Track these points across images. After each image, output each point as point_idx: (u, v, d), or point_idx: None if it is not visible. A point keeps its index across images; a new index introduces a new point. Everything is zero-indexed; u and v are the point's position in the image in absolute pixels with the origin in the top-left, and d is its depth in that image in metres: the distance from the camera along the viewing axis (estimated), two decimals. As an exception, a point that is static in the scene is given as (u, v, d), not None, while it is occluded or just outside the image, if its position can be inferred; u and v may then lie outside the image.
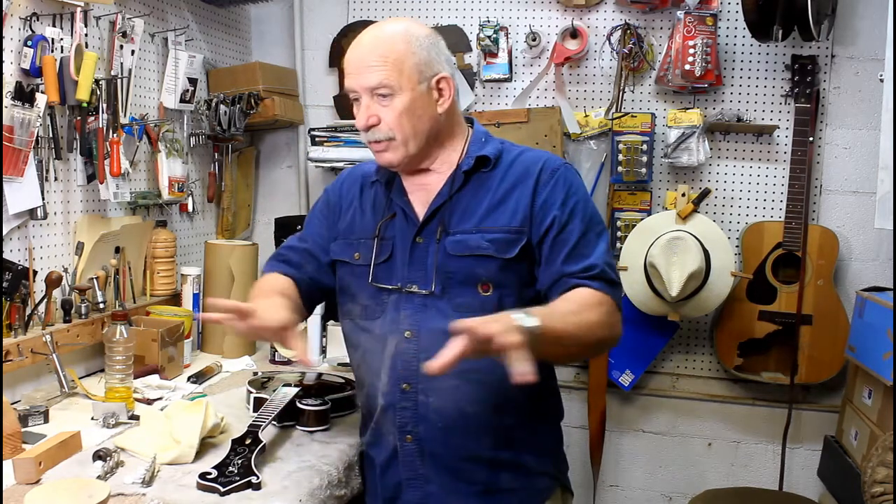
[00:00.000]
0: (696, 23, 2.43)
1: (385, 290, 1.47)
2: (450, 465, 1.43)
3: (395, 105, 1.40)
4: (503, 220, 1.43)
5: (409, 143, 1.42)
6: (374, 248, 1.49)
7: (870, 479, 1.94)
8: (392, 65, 1.38)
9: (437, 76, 1.43)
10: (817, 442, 2.57)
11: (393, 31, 1.43)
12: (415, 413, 1.42)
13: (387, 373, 1.43)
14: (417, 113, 1.41)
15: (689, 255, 2.35)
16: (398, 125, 1.41)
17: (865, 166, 2.54)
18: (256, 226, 2.99)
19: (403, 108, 1.40)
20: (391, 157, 1.44)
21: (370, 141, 1.44)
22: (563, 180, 1.44)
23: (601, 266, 1.38)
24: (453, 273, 1.41)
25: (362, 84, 1.41)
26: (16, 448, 1.44)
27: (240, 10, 2.82)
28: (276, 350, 2.24)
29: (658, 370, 2.74)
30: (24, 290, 1.77)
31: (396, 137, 1.41)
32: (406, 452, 1.44)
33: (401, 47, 1.40)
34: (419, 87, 1.41)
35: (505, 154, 1.49)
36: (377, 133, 1.42)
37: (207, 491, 1.32)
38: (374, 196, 1.55)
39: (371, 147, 1.46)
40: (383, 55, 1.39)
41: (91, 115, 1.96)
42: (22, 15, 1.79)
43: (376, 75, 1.39)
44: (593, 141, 2.67)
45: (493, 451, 1.43)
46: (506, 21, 2.70)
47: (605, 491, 2.81)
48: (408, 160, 1.45)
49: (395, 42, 1.40)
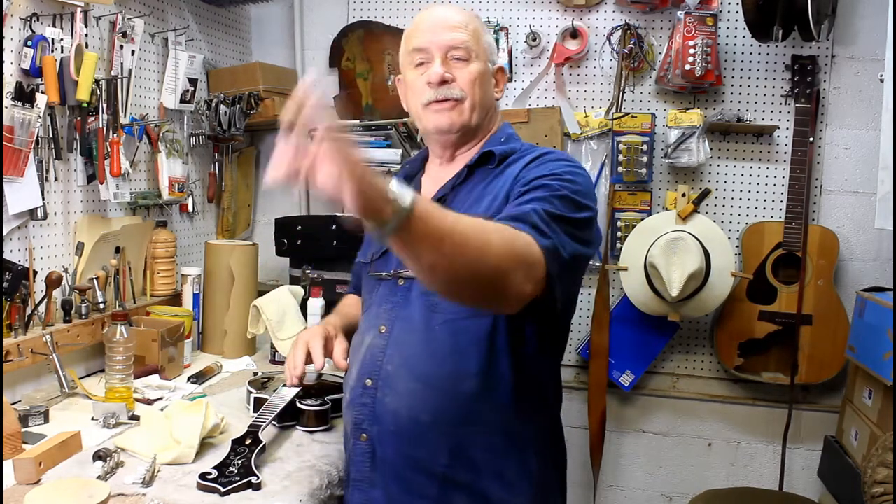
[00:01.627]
0: (697, 23, 2.43)
1: (377, 283, 1.47)
2: (399, 473, 1.35)
3: (471, 69, 1.40)
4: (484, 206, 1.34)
5: (475, 109, 1.42)
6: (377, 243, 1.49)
7: (870, 480, 1.93)
8: (472, 32, 1.42)
9: (497, 65, 1.49)
10: (817, 442, 2.57)
11: (466, 10, 1.48)
12: (371, 411, 1.37)
13: (357, 366, 1.42)
14: (485, 86, 1.43)
15: (689, 255, 2.35)
16: (471, 88, 1.40)
17: (865, 166, 2.54)
18: (257, 226, 2.99)
19: (478, 74, 1.41)
20: (454, 119, 1.41)
21: (438, 99, 1.40)
22: (548, 162, 1.35)
23: (527, 210, 1.18)
24: None
25: (443, 41, 1.40)
26: (16, 448, 1.44)
27: (240, 10, 2.83)
28: (276, 350, 2.24)
29: (658, 370, 2.74)
30: (24, 290, 1.77)
31: (466, 100, 1.41)
32: (357, 451, 1.40)
33: (479, 23, 1.46)
34: (488, 64, 1.44)
35: (517, 154, 1.44)
36: (451, 90, 1.40)
37: (207, 491, 1.32)
38: None
39: (433, 107, 1.41)
40: (465, 21, 1.42)
41: (91, 116, 1.96)
42: (22, 15, 1.79)
43: (460, 35, 1.40)
44: (593, 141, 2.67)
45: (448, 468, 1.32)
46: (506, 21, 2.70)
47: (605, 491, 2.81)
48: (465, 129, 1.43)
49: (472, 17, 1.46)
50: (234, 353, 2.30)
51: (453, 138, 1.45)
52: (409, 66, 1.45)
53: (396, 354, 1.36)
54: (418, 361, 1.33)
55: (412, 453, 1.34)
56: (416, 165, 1.57)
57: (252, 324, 2.25)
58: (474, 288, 1.10)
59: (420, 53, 1.42)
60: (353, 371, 1.43)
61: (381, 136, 2.57)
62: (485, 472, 1.33)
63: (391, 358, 1.36)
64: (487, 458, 1.34)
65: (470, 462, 1.33)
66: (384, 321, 1.40)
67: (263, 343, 2.36)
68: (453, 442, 1.33)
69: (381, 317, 1.42)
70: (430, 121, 1.43)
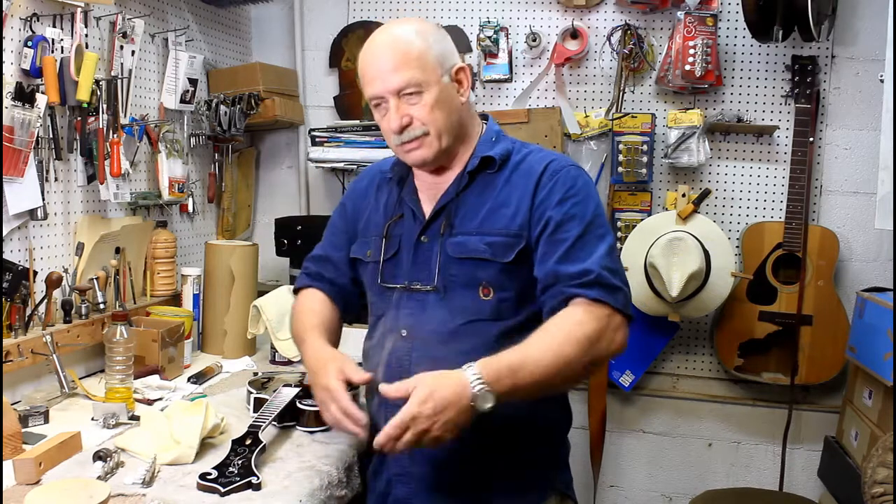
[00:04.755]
0: (697, 23, 2.43)
1: (385, 290, 1.49)
2: (438, 465, 1.42)
3: (425, 101, 1.39)
4: (503, 222, 1.41)
5: (442, 136, 1.42)
6: (381, 247, 1.50)
7: (870, 480, 1.93)
8: (415, 62, 1.38)
9: (455, 66, 1.44)
10: (817, 442, 2.57)
11: (405, 30, 1.42)
12: None
13: (383, 369, 1.44)
14: (446, 105, 1.41)
15: (689, 255, 2.35)
16: (431, 119, 1.40)
17: (865, 167, 2.54)
18: (257, 226, 2.99)
19: (434, 102, 1.39)
20: (425, 153, 1.42)
21: (404, 142, 1.42)
22: (564, 180, 1.40)
23: (597, 271, 1.32)
24: (455, 275, 1.41)
25: (388, 88, 1.39)
26: (16, 448, 1.44)
27: (240, 10, 2.83)
28: (275, 350, 2.24)
29: (658, 371, 2.74)
30: (24, 290, 1.77)
31: (430, 132, 1.41)
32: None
33: (418, 44, 1.39)
34: (442, 79, 1.41)
35: (514, 154, 1.47)
36: (412, 131, 1.41)
37: (207, 491, 1.32)
38: (387, 194, 1.56)
39: (402, 148, 1.44)
40: (404, 54, 1.38)
41: (91, 116, 1.96)
42: (22, 15, 1.79)
43: (402, 76, 1.38)
44: (593, 141, 2.67)
45: (484, 455, 1.42)
46: (506, 21, 2.70)
47: (605, 491, 2.81)
48: (439, 155, 1.44)
49: (410, 40, 1.39)
50: (234, 354, 2.30)
51: (433, 165, 1.48)
52: (371, 106, 1.46)
53: (424, 357, 1.40)
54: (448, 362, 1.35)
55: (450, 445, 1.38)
56: (404, 167, 1.56)
57: (252, 324, 2.25)
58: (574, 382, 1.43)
59: (375, 99, 1.43)
60: (380, 374, 1.44)
61: (381, 136, 2.55)
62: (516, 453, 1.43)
63: (419, 360, 1.40)
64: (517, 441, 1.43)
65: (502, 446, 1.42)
66: (405, 325, 1.43)
67: (263, 343, 2.35)
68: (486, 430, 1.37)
69: (401, 321, 1.44)
70: (406, 158, 1.47)
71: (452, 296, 1.41)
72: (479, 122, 1.54)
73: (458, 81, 1.45)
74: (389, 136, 1.44)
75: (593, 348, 1.29)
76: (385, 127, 1.44)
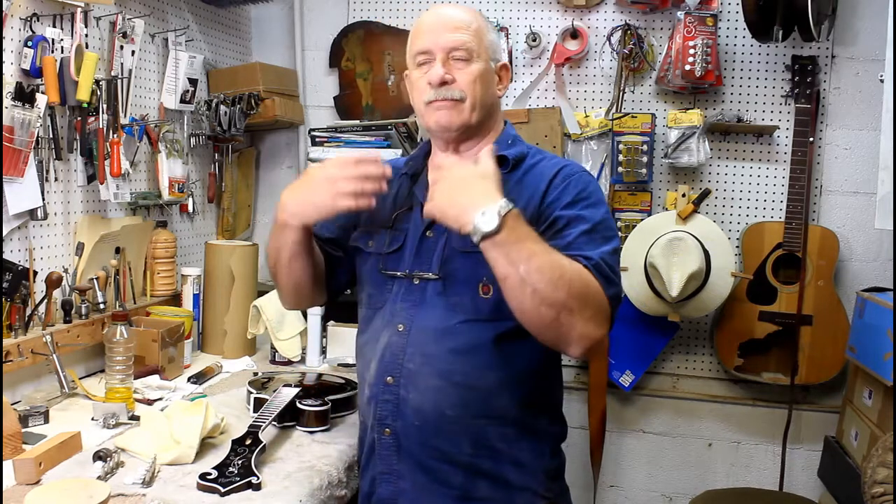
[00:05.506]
0: (697, 23, 2.43)
1: (390, 281, 1.48)
2: (425, 464, 1.41)
3: (472, 69, 1.43)
4: None
5: (475, 108, 1.44)
6: (387, 238, 1.50)
7: (870, 480, 1.93)
8: (475, 32, 1.44)
9: (501, 62, 1.50)
10: (817, 442, 2.57)
11: (469, 9, 1.49)
12: (395, 407, 1.41)
13: (376, 364, 1.44)
14: (486, 85, 1.45)
15: (689, 255, 2.35)
16: (472, 88, 1.42)
17: (866, 167, 2.54)
18: (257, 226, 2.99)
19: (480, 74, 1.43)
20: (454, 118, 1.44)
21: (438, 98, 1.43)
22: (576, 184, 1.41)
23: (596, 260, 1.29)
24: (457, 269, 1.41)
25: (443, 43, 1.42)
26: (16, 448, 1.45)
27: (240, 10, 2.83)
28: (276, 350, 2.24)
29: (658, 371, 2.74)
30: (24, 290, 1.77)
31: (467, 100, 1.43)
32: (383, 446, 1.43)
33: (481, 21, 1.47)
34: (490, 63, 1.46)
35: (528, 158, 1.48)
36: (451, 90, 1.42)
37: (207, 491, 1.32)
38: (398, 188, 1.55)
39: (433, 105, 1.44)
40: (467, 21, 1.45)
41: (91, 116, 1.96)
42: (22, 15, 1.79)
43: (461, 36, 1.42)
44: (593, 141, 2.67)
45: (472, 457, 1.40)
46: (506, 21, 2.70)
47: (605, 491, 2.81)
48: (465, 127, 1.45)
49: (476, 15, 1.47)
50: (234, 354, 2.30)
51: (454, 135, 1.48)
52: (413, 65, 1.49)
53: (417, 353, 1.40)
54: (440, 360, 1.38)
55: (437, 445, 1.40)
56: (419, 162, 1.57)
57: (252, 324, 2.25)
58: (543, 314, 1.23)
59: (423, 55, 1.45)
60: (372, 369, 1.44)
61: (381, 136, 2.57)
62: (504, 459, 1.41)
63: (412, 356, 1.40)
64: (505, 446, 1.41)
65: (490, 450, 1.40)
66: (401, 320, 1.43)
67: (263, 343, 2.36)
68: (474, 433, 1.40)
69: (399, 315, 1.44)
70: (432, 118, 1.46)
71: (452, 291, 1.40)
72: (502, 125, 1.55)
73: (499, 77, 1.50)
74: (424, 91, 1.44)
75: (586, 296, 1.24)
76: (421, 84, 1.45)
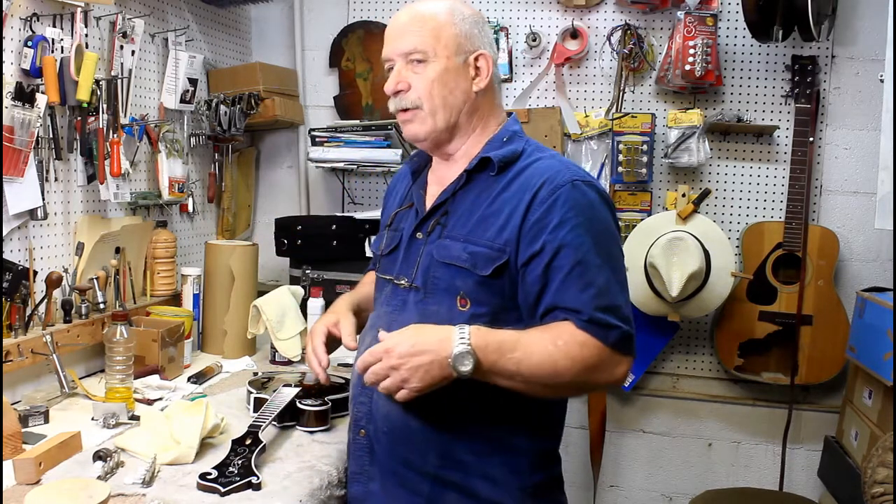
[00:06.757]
0: (697, 23, 2.43)
1: (385, 284, 1.48)
2: (394, 469, 1.38)
3: (427, 73, 1.37)
4: (490, 233, 1.33)
5: (436, 114, 1.38)
6: (386, 238, 1.50)
7: (870, 480, 1.93)
8: (429, 32, 1.37)
9: (477, 52, 1.40)
10: (817, 442, 2.57)
11: (437, 4, 1.41)
12: (369, 410, 1.41)
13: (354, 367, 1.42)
14: (449, 85, 1.37)
15: (689, 255, 2.35)
16: (427, 94, 1.37)
17: (865, 167, 2.54)
18: (257, 226, 2.99)
19: (435, 76, 1.36)
20: (417, 129, 1.40)
21: (397, 109, 1.41)
22: (563, 200, 1.29)
23: (588, 313, 1.24)
24: (438, 278, 1.36)
25: (396, 49, 1.39)
26: (16, 448, 1.44)
27: (240, 10, 2.83)
28: (275, 350, 2.24)
29: (658, 370, 2.74)
30: (24, 290, 1.77)
31: (424, 107, 1.38)
32: (357, 447, 1.43)
33: (442, 18, 1.38)
34: (455, 58, 1.38)
35: (522, 158, 1.39)
36: (404, 100, 1.39)
37: (207, 491, 1.32)
38: (405, 187, 1.55)
39: (398, 118, 1.43)
40: (421, 21, 1.38)
41: (91, 116, 1.96)
42: (22, 15, 1.79)
43: (409, 40, 1.37)
44: (593, 141, 2.67)
45: (438, 468, 1.35)
46: (506, 21, 2.70)
47: (605, 491, 2.81)
48: (434, 135, 1.40)
49: (436, 13, 1.39)
50: (234, 354, 2.29)
51: (428, 144, 1.44)
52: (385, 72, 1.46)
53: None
54: None
55: (404, 454, 1.37)
56: (423, 158, 1.55)
57: (252, 324, 2.25)
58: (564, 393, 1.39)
59: (387, 62, 1.43)
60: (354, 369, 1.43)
61: (381, 136, 2.57)
62: (473, 472, 1.36)
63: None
64: (473, 459, 1.36)
65: (458, 463, 1.35)
66: (383, 324, 1.41)
67: (263, 343, 2.35)
68: (442, 445, 1.35)
69: (382, 319, 1.43)
70: (403, 130, 1.45)
71: (432, 300, 1.36)
72: (501, 120, 1.47)
73: (476, 68, 1.40)
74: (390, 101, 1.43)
75: (588, 374, 1.25)
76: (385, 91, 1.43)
